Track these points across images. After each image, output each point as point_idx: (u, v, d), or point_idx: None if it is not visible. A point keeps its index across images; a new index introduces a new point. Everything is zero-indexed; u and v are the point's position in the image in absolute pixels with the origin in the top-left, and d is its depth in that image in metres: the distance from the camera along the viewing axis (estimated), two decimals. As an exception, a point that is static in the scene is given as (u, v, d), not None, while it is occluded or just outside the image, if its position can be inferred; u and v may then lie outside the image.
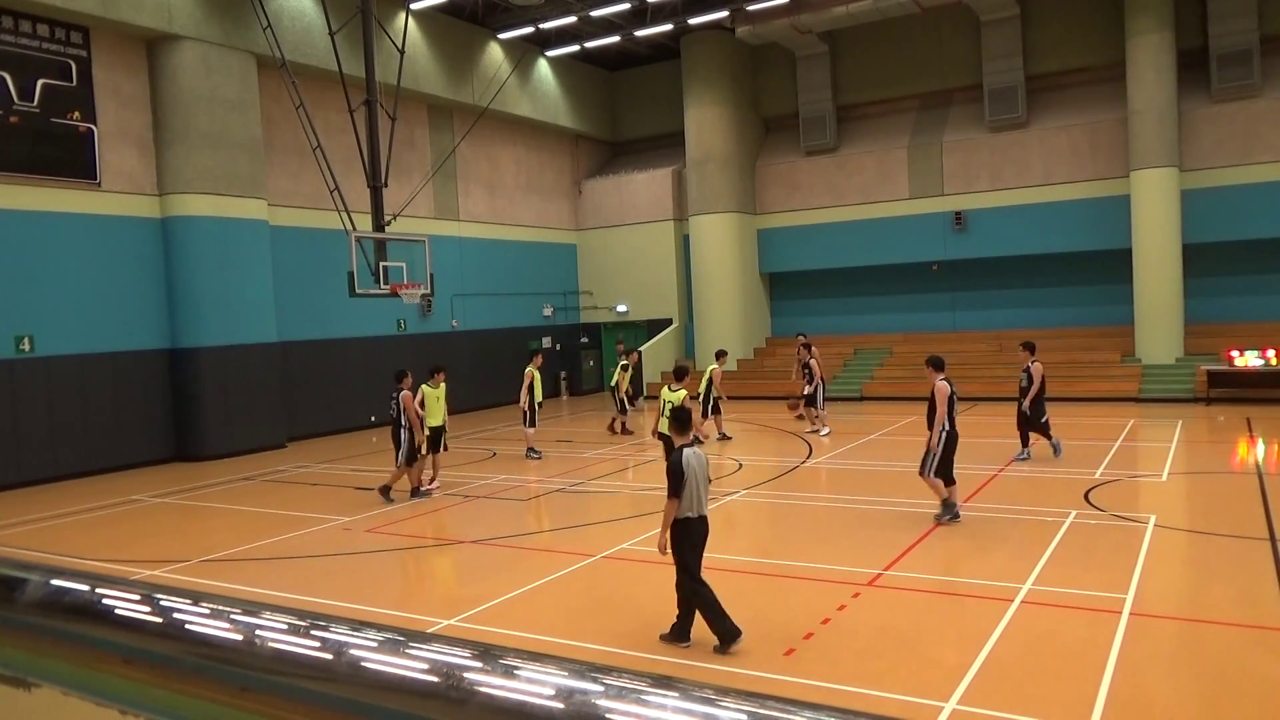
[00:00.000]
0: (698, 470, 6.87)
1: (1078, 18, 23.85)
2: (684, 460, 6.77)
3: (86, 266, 17.03)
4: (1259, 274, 22.34)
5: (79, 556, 10.70)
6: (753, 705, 0.61)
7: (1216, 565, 8.72)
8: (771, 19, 24.14)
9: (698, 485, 6.83)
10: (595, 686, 0.65)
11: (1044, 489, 12.16)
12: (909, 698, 5.89)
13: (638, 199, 29.17)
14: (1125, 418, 18.54)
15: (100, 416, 17.19)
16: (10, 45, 16.04)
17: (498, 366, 25.88)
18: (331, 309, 21.33)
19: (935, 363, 10.75)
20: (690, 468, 6.78)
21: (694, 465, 6.85)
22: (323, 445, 19.95)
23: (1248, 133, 21.66)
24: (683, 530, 6.81)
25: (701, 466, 6.96)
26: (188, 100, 18.12)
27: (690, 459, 6.82)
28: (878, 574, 8.58)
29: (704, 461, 7.04)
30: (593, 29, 25.86)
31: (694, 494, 6.80)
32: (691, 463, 6.82)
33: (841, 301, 27.78)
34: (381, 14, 20.62)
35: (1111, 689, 5.83)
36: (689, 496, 6.78)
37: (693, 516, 6.82)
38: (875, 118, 27.01)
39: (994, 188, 24.63)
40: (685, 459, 6.78)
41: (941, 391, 10.35)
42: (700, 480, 6.87)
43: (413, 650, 0.72)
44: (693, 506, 6.82)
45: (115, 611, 0.87)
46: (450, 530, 11.88)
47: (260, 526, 11.96)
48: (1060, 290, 24.74)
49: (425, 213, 23.97)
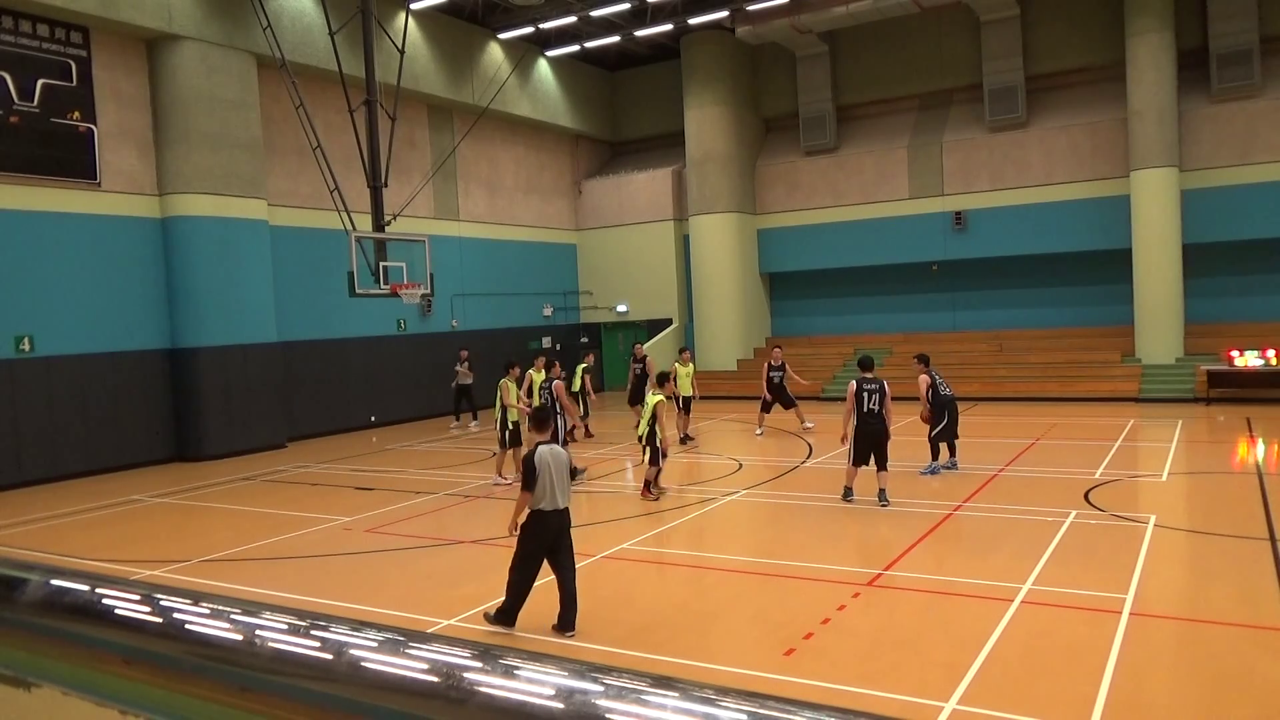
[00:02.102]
0: (553, 466, 7.28)
1: (1078, 18, 23.85)
2: (538, 456, 7.26)
3: (86, 266, 17.02)
4: (1259, 274, 22.34)
5: (79, 556, 10.69)
6: (753, 705, 0.61)
7: (1216, 565, 8.72)
8: (771, 19, 24.14)
9: (552, 480, 7.24)
10: (595, 686, 0.65)
11: (1044, 489, 12.16)
12: (909, 698, 5.89)
13: (638, 199, 29.17)
14: (1125, 418, 18.54)
15: (100, 416, 17.18)
16: (10, 45, 16.04)
17: (498, 367, 25.84)
18: (331, 309, 21.33)
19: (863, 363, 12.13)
20: (545, 464, 7.24)
21: (549, 461, 7.28)
22: (323, 445, 19.94)
23: (1248, 133, 21.66)
24: (535, 521, 7.29)
25: (559, 462, 7.35)
26: (188, 100, 18.12)
27: (546, 455, 7.29)
28: (878, 574, 8.58)
29: (562, 458, 7.42)
30: (593, 29, 25.86)
31: (547, 488, 7.22)
32: (546, 459, 7.28)
33: (841, 301, 27.78)
34: (381, 14, 20.62)
35: (1111, 689, 5.83)
36: (542, 490, 7.21)
37: (546, 509, 7.27)
38: (875, 118, 27.01)
39: (994, 188, 24.63)
40: (540, 455, 7.27)
41: (850, 389, 11.73)
42: (556, 475, 7.27)
43: (413, 650, 0.72)
44: (545, 500, 7.24)
45: (115, 611, 0.87)
46: (450, 530, 11.88)
47: (260, 526, 11.95)
48: (1060, 290, 24.74)
49: (425, 213, 23.98)
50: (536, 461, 7.24)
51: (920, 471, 13.47)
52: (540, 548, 7.31)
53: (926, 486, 12.62)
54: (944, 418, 13.44)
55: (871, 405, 11.48)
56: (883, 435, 11.49)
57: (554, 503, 7.27)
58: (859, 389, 11.56)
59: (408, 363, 23.30)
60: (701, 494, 12.96)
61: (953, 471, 13.52)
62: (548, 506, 7.26)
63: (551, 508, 7.27)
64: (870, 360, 12.13)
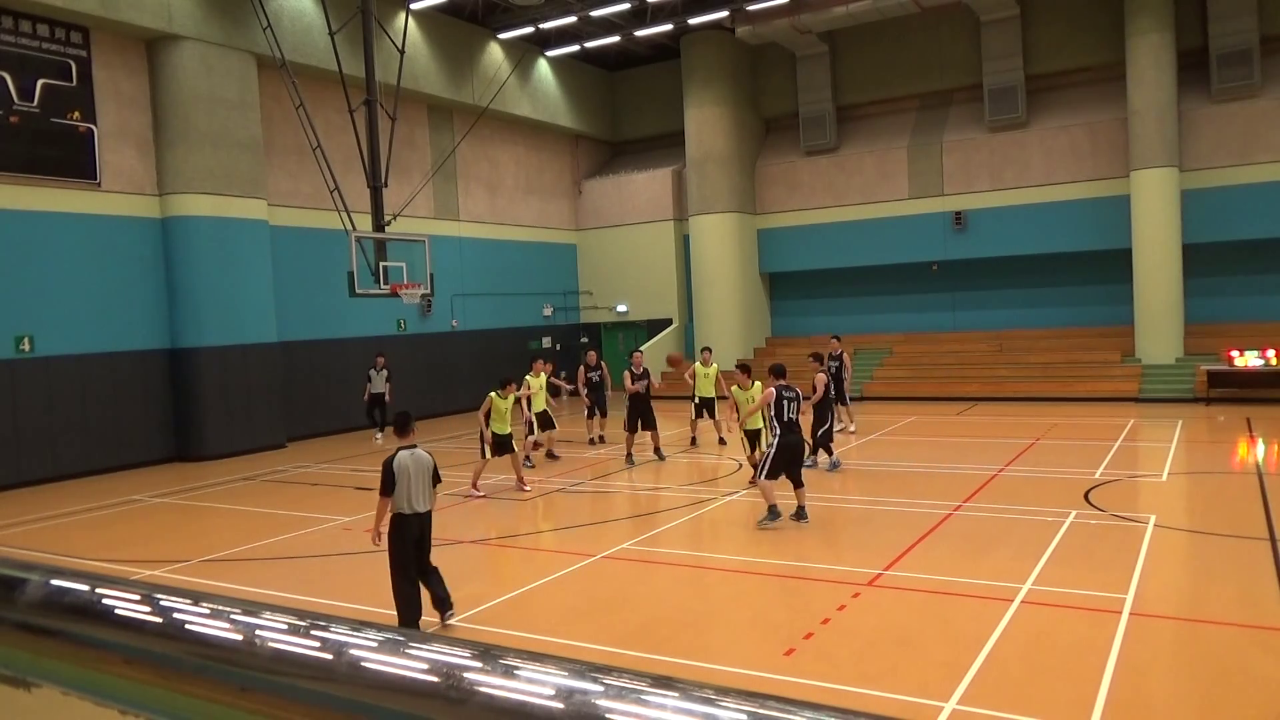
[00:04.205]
0: (412, 470, 7.33)
1: (1078, 18, 23.85)
2: (396, 461, 7.31)
3: (86, 266, 17.03)
4: (1259, 274, 22.33)
5: (79, 556, 10.69)
6: (753, 705, 0.61)
7: (1216, 565, 8.72)
8: (771, 19, 24.14)
9: (410, 484, 7.30)
10: (595, 686, 0.65)
11: (1044, 489, 12.16)
12: (909, 698, 5.89)
13: (638, 199, 29.18)
14: (1125, 418, 18.53)
15: (100, 416, 17.18)
16: (10, 45, 16.04)
17: (498, 367, 25.87)
18: (331, 309, 21.33)
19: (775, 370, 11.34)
20: (404, 468, 7.30)
21: (408, 466, 7.33)
22: (323, 445, 19.94)
23: (1248, 133, 21.66)
24: (396, 525, 7.35)
25: (419, 467, 7.39)
26: (188, 100, 18.12)
27: (405, 460, 7.33)
28: (878, 574, 8.58)
29: (422, 462, 7.43)
30: (593, 29, 25.86)
31: (405, 493, 7.29)
32: (406, 463, 7.32)
33: (841, 301, 27.78)
34: (381, 14, 20.62)
35: (1111, 689, 5.83)
36: (400, 495, 7.28)
37: (405, 513, 7.33)
38: (875, 118, 27.01)
39: (994, 188, 24.63)
40: (398, 460, 7.32)
41: (767, 396, 10.97)
42: (415, 479, 7.33)
43: (413, 650, 0.72)
44: (404, 504, 7.31)
45: (115, 611, 0.87)
46: (450, 530, 11.88)
47: (260, 526, 11.95)
48: (1060, 290, 24.74)
49: (425, 213, 23.98)
50: (395, 467, 7.29)
51: (826, 469, 14.13)
52: (405, 551, 7.36)
53: (927, 486, 12.62)
54: (827, 420, 14.12)
55: (791, 414, 10.78)
56: (801, 448, 10.94)
57: (412, 506, 7.34)
58: (779, 397, 10.77)
59: (408, 363, 23.29)
60: (701, 494, 12.95)
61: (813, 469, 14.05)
62: (407, 510, 7.33)
63: (410, 511, 7.34)
64: (783, 368, 11.43)
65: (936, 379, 23.88)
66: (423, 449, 7.58)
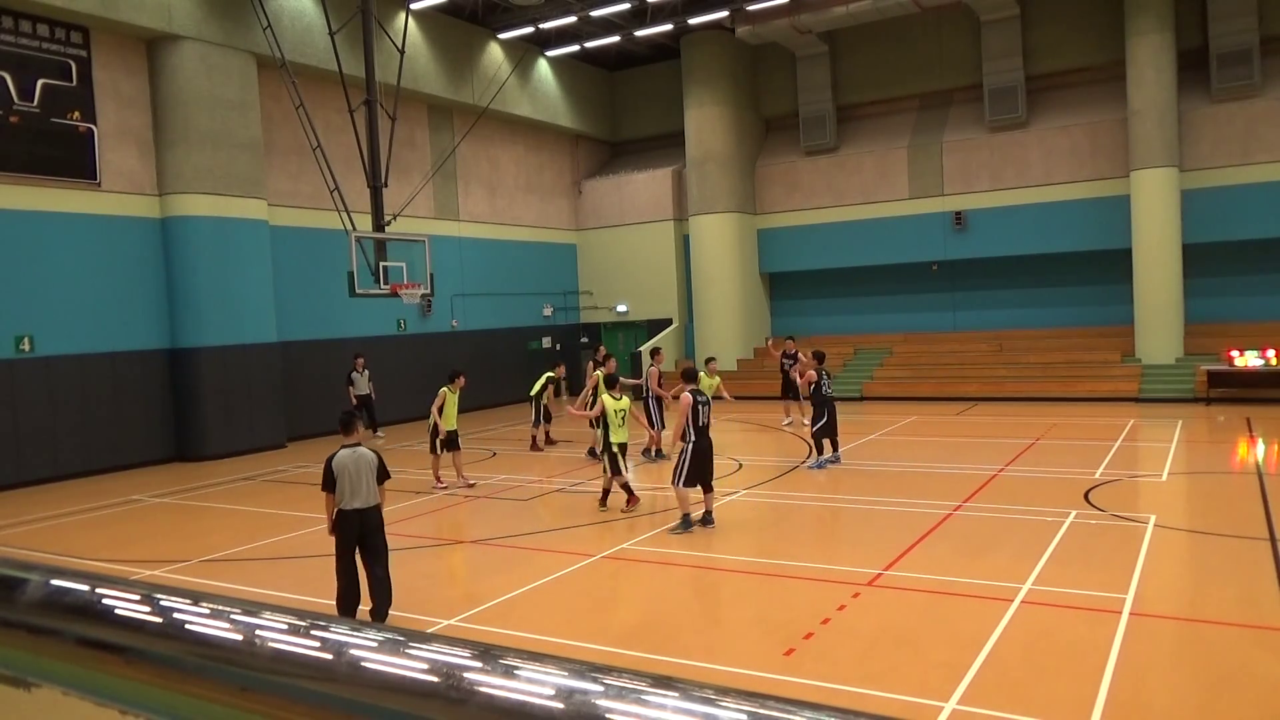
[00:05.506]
0: (351, 469, 7.60)
1: (1078, 18, 23.85)
2: (336, 460, 7.61)
3: (86, 266, 17.03)
4: (1259, 274, 22.34)
5: (79, 556, 10.70)
6: (753, 705, 0.61)
7: (1216, 565, 8.72)
8: (771, 19, 24.14)
9: (350, 481, 7.58)
10: (595, 686, 0.65)
11: (1044, 489, 12.16)
12: (909, 698, 5.89)
13: (638, 199, 29.17)
14: (1125, 418, 18.54)
15: (100, 416, 17.18)
16: (10, 45, 16.04)
17: (498, 366, 25.94)
18: (331, 309, 21.33)
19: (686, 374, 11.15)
20: (342, 467, 7.59)
21: (347, 464, 7.61)
22: (323, 445, 19.87)
23: (1248, 133, 21.66)
24: (340, 520, 7.66)
25: (358, 464, 7.63)
26: (188, 100, 18.12)
27: (345, 458, 7.63)
28: (878, 574, 8.58)
29: (363, 460, 7.68)
30: (593, 29, 25.86)
31: (345, 489, 7.58)
32: (345, 462, 7.62)
33: (841, 301, 27.78)
34: (381, 14, 20.62)
35: (1111, 689, 5.83)
36: (341, 491, 7.58)
37: (346, 509, 7.61)
38: (875, 118, 27.01)
39: (994, 188, 24.63)
40: (339, 459, 7.62)
41: (685, 402, 10.61)
42: (354, 477, 7.59)
43: (413, 650, 0.72)
44: (345, 500, 7.59)
45: (115, 611, 0.87)
46: (450, 530, 11.88)
47: (260, 526, 11.95)
48: (1060, 290, 24.74)
49: (425, 213, 23.98)
50: (335, 466, 7.59)
51: (808, 466, 14.31)
52: (347, 544, 7.66)
53: (927, 486, 12.62)
54: (824, 416, 14.18)
55: (705, 419, 10.70)
56: (711, 452, 10.81)
57: (351, 503, 7.60)
58: (695, 403, 10.61)
59: (408, 363, 23.30)
60: (700, 494, 12.93)
61: (836, 465, 14.33)
62: (347, 506, 7.60)
63: (350, 507, 7.60)
64: (695, 371, 11.35)
65: (936, 379, 23.88)
66: (367, 447, 7.83)
